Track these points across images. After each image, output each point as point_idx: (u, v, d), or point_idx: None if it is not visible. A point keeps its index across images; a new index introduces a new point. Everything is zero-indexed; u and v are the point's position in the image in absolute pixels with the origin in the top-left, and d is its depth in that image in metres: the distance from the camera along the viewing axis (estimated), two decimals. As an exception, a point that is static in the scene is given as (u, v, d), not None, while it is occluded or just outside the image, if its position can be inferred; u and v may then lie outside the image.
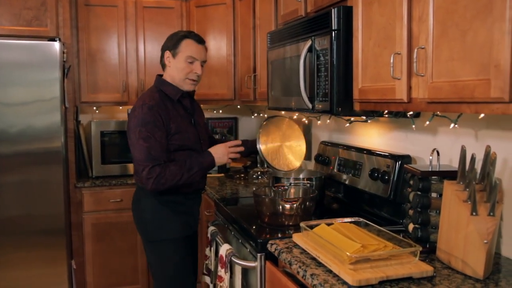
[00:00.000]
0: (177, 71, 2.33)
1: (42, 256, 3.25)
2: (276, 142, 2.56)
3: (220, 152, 2.34)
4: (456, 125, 1.85)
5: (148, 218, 2.33)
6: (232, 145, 2.40)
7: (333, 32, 1.97)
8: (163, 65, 2.40)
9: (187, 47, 2.31)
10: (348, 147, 2.55)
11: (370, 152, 2.34)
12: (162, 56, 2.39)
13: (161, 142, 2.19)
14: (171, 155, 2.27)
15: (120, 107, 4.07)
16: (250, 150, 2.66)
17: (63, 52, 3.26)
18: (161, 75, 2.42)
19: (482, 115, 1.70)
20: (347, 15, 1.96)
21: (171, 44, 2.33)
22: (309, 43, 2.14)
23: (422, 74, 1.51)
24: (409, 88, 1.60)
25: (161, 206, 2.32)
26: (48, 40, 3.21)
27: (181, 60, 2.31)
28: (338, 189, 2.66)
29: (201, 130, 2.48)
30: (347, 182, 2.49)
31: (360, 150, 2.43)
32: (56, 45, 3.18)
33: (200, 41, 2.36)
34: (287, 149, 2.62)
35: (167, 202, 2.33)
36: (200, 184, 2.46)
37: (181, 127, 2.30)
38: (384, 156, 2.21)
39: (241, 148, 2.43)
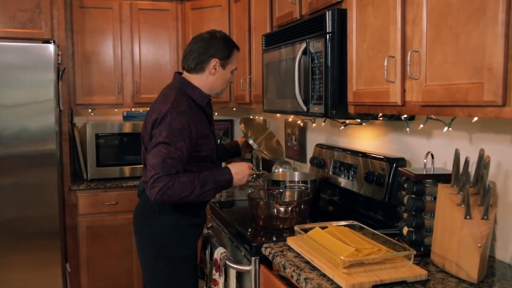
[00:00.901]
0: (223, 82, 2.20)
1: (37, 259, 3.24)
2: (258, 137, 2.53)
3: (242, 173, 2.08)
4: (450, 128, 1.85)
5: (166, 233, 2.09)
6: (251, 166, 2.16)
7: (328, 35, 1.97)
8: (199, 70, 2.14)
9: (235, 59, 2.22)
10: (344, 150, 2.55)
11: (365, 155, 2.34)
12: (204, 62, 2.13)
13: (182, 153, 1.96)
14: (193, 167, 2.06)
15: (116, 109, 4.05)
16: (230, 152, 2.64)
17: (58, 54, 3.25)
18: (180, 73, 2.21)
19: (475, 118, 1.70)
20: (341, 17, 1.96)
21: (224, 54, 2.14)
22: (303, 45, 2.13)
23: (416, 77, 1.51)
24: (403, 91, 1.60)
25: (181, 219, 2.12)
26: (43, 43, 3.20)
27: (228, 71, 2.20)
28: (334, 192, 2.66)
29: (215, 138, 2.34)
30: (342, 185, 2.48)
31: (355, 153, 2.43)
32: (51, 47, 3.17)
33: (239, 49, 2.28)
34: (267, 140, 2.62)
35: (185, 214, 2.13)
36: None
37: (207, 138, 2.14)
38: (379, 159, 2.21)
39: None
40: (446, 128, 1.86)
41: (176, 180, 1.90)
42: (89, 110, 4.02)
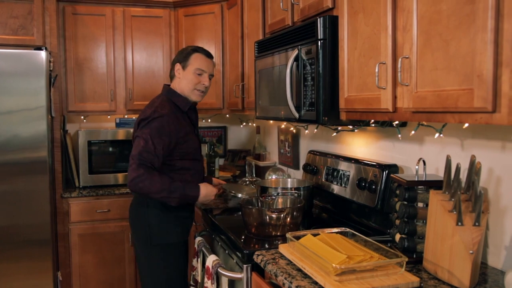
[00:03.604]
0: (186, 82, 2.44)
1: (28, 267, 3.20)
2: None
3: (209, 192, 2.39)
4: (441, 135, 1.85)
5: (155, 223, 2.37)
6: (219, 185, 2.67)
7: (319, 42, 1.97)
8: (172, 77, 2.51)
9: (196, 60, 2.45)
10: (336, 157, 2.55)
11: (357, 162, 2.33)
12: (172, 69, 2.52)
13: (157, 148, 2.23)
14: (177, 162, 2.35)
15: (108, 116, 4.04)
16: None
17: (50, 61, 3.23)
18: (168, 85, 2.52)
19: (466, 124, 1.70)
20: (333, 24, 1.96)
21: (182, 57, 2.47)
22: (295, 52, 2.13)
23: (407, 84, 1.51)
24: (394, 97, 1.60)
25: (167, 211, 2.37)
26: (35, 49, 3.18)
27: (190, 71, 2.44)
28: (327, 199, 2.65)
29: (199, 140, 2.58)
30: (335, 192, 2.48)
31: (348, 159, 2.43)
32: (42, 54, 3.15)
33: (209, 55, 2.51)
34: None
35: (174, 208, 2.37)
36: None
37: (188, 137, 2.39)
38: (372, 165, 2.21)
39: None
40: (437, 135, 1.86)
41: (150, 176, 2.19)
42: (82, 117, 4.00)
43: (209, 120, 4.38)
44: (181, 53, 2.49)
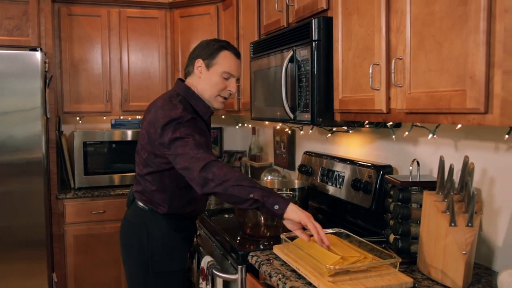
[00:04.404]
0: (210, 86, 2.03)
1: (23, 269, 3.19)
2: None
3: (301, 213, 1.68)
4: (434, 136, 1.86)
5: (157, 247, 2.02)
6: (322, 231, 1.67)
7: (314, 43, 1.98)
8: (189, 73, 2.09)
9: (225, 61, 2.02)
10: (332, 158, 2.55)
11: (352, 162, 2.34)
12: (190, 64, 2.08)
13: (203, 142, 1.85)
14: None
15: (104, 117, 4.03)
16: None
17: (45, 62, 3.23)
18: (182, 80, 2.13)
19: (459, 125, 1.71)
20: (327, 25, 1.97)
21: (207, 54, 2.02)
22: (290, 53, 2.14)
23: (400, 85, 1.51)
24: (388, 98, 1.61)
25: (173, 233, 2.06)
26: (30, 50, 3.17)
27: (216, 73, 2.02)
28: (322, 200, 2.65)
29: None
30: (330, 193, 2.48)
31: (343, 160, 2.43)
32: (38, 54, 3.14)
33: (238, 55, 2.08)
34: None
35: (177, 228, 2.07)
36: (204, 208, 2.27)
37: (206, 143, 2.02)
38: (366, 166, 2.21)
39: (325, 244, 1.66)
40: (430, 136, 1.86)
41: (225, 165, 1.75)
42: (77, 118, 3.99)
43: (205, 121, 4.38)
44: (206, 48, 2.04)
